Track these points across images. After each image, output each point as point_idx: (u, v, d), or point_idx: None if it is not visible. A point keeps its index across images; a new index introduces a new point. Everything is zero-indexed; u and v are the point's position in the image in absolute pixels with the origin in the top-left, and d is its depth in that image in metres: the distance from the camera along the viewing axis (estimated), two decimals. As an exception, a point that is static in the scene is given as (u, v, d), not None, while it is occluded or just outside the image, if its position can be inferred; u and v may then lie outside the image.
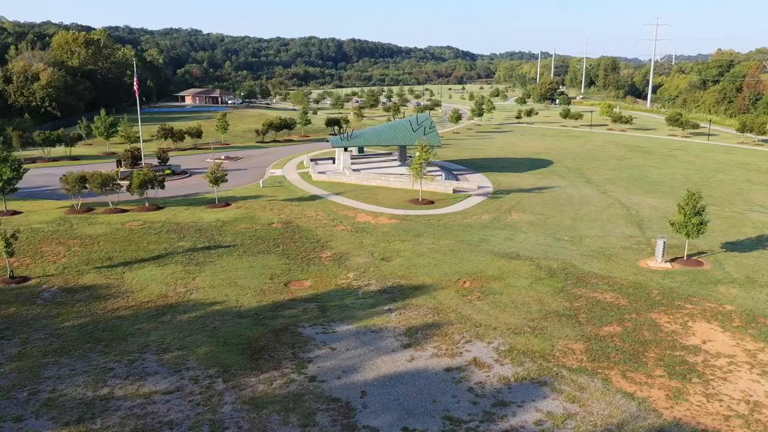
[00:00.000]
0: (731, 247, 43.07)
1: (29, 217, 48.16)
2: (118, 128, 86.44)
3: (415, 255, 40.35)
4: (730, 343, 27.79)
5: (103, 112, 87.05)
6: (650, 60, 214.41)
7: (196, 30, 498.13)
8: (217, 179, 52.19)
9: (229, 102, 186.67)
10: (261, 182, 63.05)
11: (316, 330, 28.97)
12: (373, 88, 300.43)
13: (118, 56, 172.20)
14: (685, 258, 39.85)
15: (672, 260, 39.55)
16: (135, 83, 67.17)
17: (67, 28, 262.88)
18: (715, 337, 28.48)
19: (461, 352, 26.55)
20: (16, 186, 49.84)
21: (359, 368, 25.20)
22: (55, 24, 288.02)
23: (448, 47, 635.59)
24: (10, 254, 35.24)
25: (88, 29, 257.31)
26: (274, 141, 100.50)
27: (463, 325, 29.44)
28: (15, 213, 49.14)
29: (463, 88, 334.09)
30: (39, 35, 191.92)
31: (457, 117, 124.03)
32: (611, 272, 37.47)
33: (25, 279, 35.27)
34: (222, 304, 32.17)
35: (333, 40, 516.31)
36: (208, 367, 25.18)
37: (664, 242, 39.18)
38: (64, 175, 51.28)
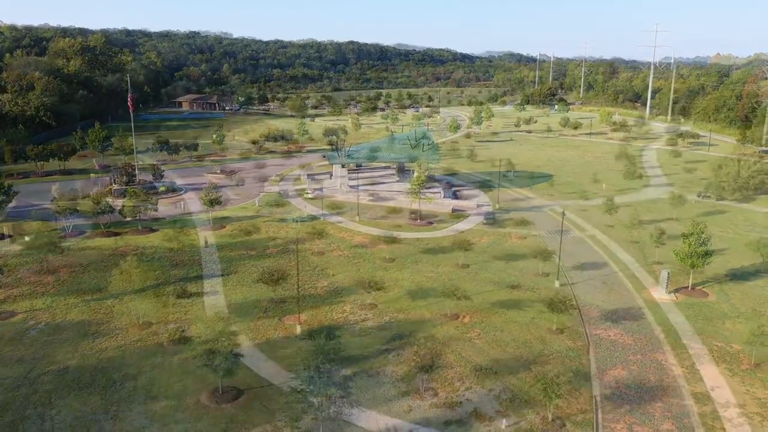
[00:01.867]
0: (735, 274, 42.09)
1: (19, 241, 47.04)
2: (112, 141, 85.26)
3: (413, 285, 39.38)
4: (740, 390, 26.87)
5: (97, 125, 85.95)
6: (649, 65, 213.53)
7: (194, 32, 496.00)
8: (212, 201, 51.17)
9: (227, 108, 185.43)
10: (257, 201, 61.94)
11: (310, 374, 27.90)
12: (371, 92, 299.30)
13: (115, 62, 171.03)
14: (689, 288, 38.93)
15: (676, 290, 38.62)
16: (129, 100, 66.10)
17: (64, 30, 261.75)
18: (722, 383, 27.56)
19: (461, 402, 25.60)
20: (6, 209, 48.78)
21: (356, 422, 24.24)
22: (53, 27, 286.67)
23: (447, 50, 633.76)
24: (-4, 289, 34.27)
25: (86, 32, 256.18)
26: (271, 152, 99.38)
27: (462, 368, 28.49)
28: (3, 237, 48.00)
29: (462, 93, 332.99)
30: (36, 39, 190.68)
31: (455, 126, 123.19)
32: (614, 305, 36.53)
33: (12, 314, 34.26)
34: (214, 343, 31.03)
35: (331, 42, 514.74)
36: (197, 420, 24.21)
37: (668, 274, 38.26)
38: (54, 197, 50.24)
